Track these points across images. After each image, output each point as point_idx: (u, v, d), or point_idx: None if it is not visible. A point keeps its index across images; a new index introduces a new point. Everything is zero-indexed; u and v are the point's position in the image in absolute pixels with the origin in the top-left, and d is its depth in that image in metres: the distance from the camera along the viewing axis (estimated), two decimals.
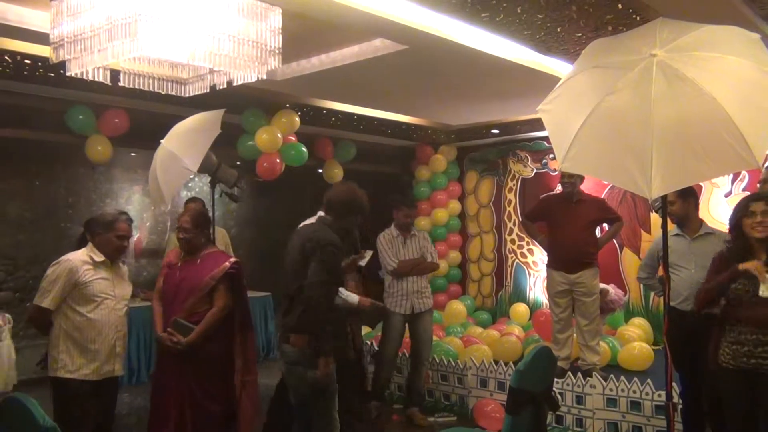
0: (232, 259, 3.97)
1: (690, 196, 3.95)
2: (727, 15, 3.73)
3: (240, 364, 3.92)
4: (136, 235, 7.64)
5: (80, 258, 3.53)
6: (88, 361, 3.48)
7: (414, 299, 5.17)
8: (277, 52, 3.29)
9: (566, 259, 5.46)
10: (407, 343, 5.48)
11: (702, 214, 4.97)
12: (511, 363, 5.40)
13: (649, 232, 7.17)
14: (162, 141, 4.35)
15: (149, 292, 5.56)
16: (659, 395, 4.35)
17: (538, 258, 7.98)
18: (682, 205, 3.90)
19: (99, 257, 3.55)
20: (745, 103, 2.29)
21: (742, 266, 3.07)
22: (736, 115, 2.23)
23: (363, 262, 4.12)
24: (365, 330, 6.29)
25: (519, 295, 8.16)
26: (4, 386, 5.58)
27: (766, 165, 4.26)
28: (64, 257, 3.54)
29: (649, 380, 4.52)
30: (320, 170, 7.90)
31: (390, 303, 5.16)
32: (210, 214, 4.30)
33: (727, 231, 3.37)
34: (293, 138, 6.69)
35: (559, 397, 4.75)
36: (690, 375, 3.83)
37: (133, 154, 7.35)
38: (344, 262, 3.84)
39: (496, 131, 7.94)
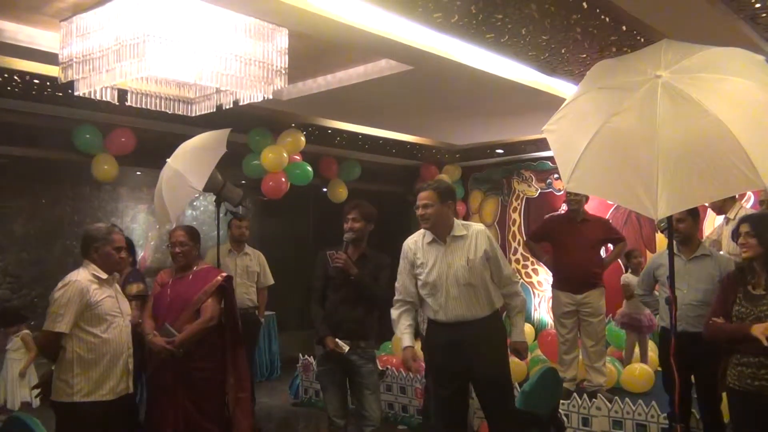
0: (224, 274, 4.00)
1: (697, 215, 3.95)
2: (731, 37, 3.74)
3: (232, 381, 3.92)
4: (141, 254, 7.65)
5: (86, 278, 3.49)
6: (105, 382, 3.42)
7: None
8: (284, 72, 3.33)
9: (572, 280, 5.43)
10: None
11: (706, 234, 4.96)
12: (516, 384, 5.35)
13: (654, 251, 7.15)
14: (168, 160, 4.37)
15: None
16: (664, 418, 4.31)
17: (542, 278, 7.95)
18: (691, 224, 3.89)
19: (102, 275, 3.52)
20: (751, 124, 2.29)
21: (755, 331, 2.94)
22: (741, 136, 2.23)
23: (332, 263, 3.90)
24: None
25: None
26: (11, 404, 5.57)
27: None
28: (70, 278, 3.44)
29: (654, 402, 4.48)
30: (325, 189, 7.91)
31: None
32: (214, 233, 4.32)
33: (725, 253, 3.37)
34: (298, 157, 6.71)
35: (564, 418, 4.71)
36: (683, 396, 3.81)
37: (139, 173, 7.37)
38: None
39: (500, 151, 7.96)
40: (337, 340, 3.87)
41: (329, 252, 3.92)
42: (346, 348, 3.84)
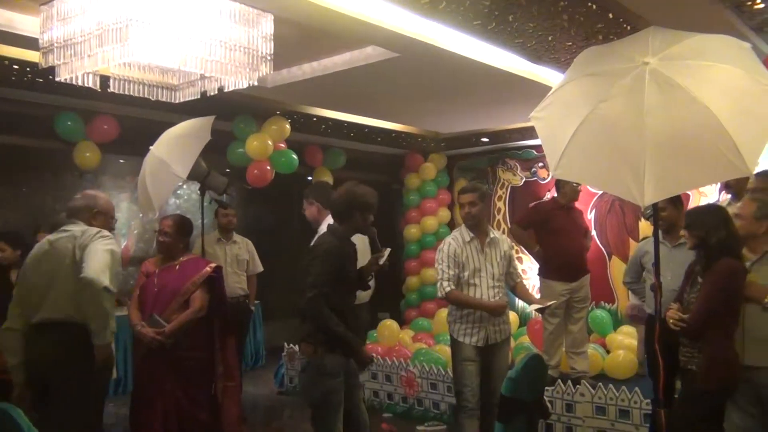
0: (213, 264, 3.98)
1: (680, 203, 3.99)
2: (716, 25, 3.76)
3: (221, 370, 3.91)
4: (124, 243, 7.58)
5: None
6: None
7: (489, 327, 4.01)
8: (269, 58, 3.29)
9: (570, 267, 5.44)
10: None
11: None
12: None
13: (637, 240, 7.20)
14: (151, 148, 4.32)
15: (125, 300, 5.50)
16: (647, 404, 4.35)
17: (527, 266, 7.98)
18: (673, 212, 3.93)
19: None
20: (737, 111, 2.30)
21: (667, 316, 3.19)
22: (728, 123, 2.24)
23: (382, 261, 3.57)
24: None
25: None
26: None
27: (755, 173, 4.29)
28: None
29: (637, 388, 4.52)
30: (310, 178, 7.88)
31: (457, 331, 4.05)
32: (199, 221, 4.28)
33: None
34: (283, 145, 6.67)
35: (549, 405, 4.74)
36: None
37: (122, 160, 7.29)
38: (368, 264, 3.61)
39: (485, 139, 7.96)
40: None
41: (377, 254, 3.53)
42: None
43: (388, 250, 3.54)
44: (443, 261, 4.00)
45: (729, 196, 4.14)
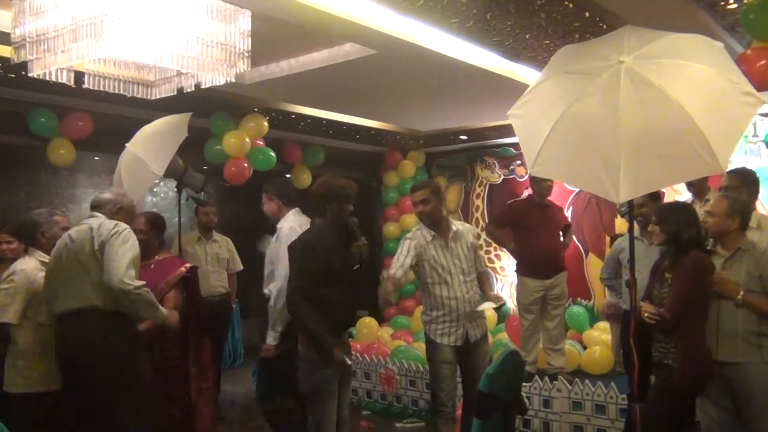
0: (188, 265, 3.94)
1: (658, 200, 4.03)
2: (690, 24, 3.81)
3: (195, 371, 3.89)
4: None
5: (33, 266, 3.43)
6: (56, 371, 3.34)
7: (466, 324, 3.92)
8: (246, 55, 3.26)
9: (543, 265, 5.46)
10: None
11: None
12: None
13: (613, 237, 7.29)
14: (127, 145, 4.28)
15: None
16: (623, 399, 4.41)
17: (505, 263, 8.04)
18: (652, 208, 3.97)
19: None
20: (711, 110, 2.34)
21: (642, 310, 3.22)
22: (701, 122, 2.27)
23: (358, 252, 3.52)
24: None
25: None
26: None
27: (727, 171, 4.36)
28: (15, 268, 3.42)
29: (612, 383, 4.58)
30: (288, 175, 7.85)
31: (433, 331, 3.95)
32: (176, 219, 4.25)
33: None
34: (261, 142, 6.63)
35: (527, 400, 4.78)
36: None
37: (97, 158, 7.20)
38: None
39: (464, 137, 7.99)
40: None
41: (358, 243, 3.47)
42: (349, 361, 3.48)
43: (364, 240, 3.52)
44: (401, 250, 3.90)
45: (690, 194, 4.21)
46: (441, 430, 3.86)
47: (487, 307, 3.88)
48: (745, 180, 3.74)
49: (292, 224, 3.92)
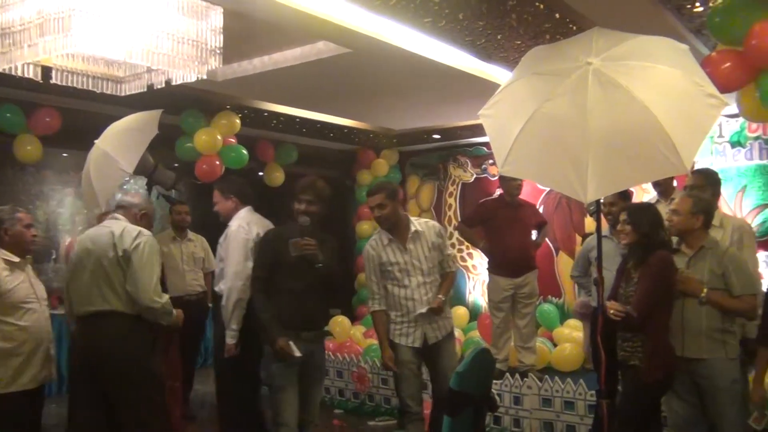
0: None
1: (629, 199, 4.10)
2: (657, 27, 3.86)
3: (163, 370, 3.85)
4: (68, 240, 7.39)
5: None
6: (26, 370, 3.32)
7: (425, 326, 3.85)
8: (218, 52, 3.23)
9: (513, 264, 5.51)
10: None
11: None
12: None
13: (583, 235, 7.38)
14: (96, 141, 4.21)
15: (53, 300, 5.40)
16: (591, 395, 4.48)
17: (477, 262, 8.10)
18: (623, 207, 4.02)
19: (14, 258, 3.39)
20: (675, 111, 2.38)
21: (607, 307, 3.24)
22: (666, 123, 2.32)
23: (294, 252, 3.45)
24: None
25: (458, 299, 8.25)
26: None
27: (692, 171, 4.45)
28: None
29: (582, 380, 4.65)
30: (261, 173, 7.80)
31: (393, 332, 3.90)
32: None
33: None
34: (233, 140, 6.59)
35: (497, 398, 4.83)
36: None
37: (65, 154, 7.09)
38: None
39: (437, 136, 8.03)
40: (290, 342, 3.42)
41: (292, 240, 3.46)
42: (298, 353, 3.41)
43: (311, 241, 3.47)
44: (370, 276, 3.90)
45: (655, 193, 4.29)
46: (407, 430, 3.84)
47: (420, 311, 3.78)
48: (709, 180, 3.82)
49: (241, 222, 3.98)
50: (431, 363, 3.90)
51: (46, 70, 3.29)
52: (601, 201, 3.46)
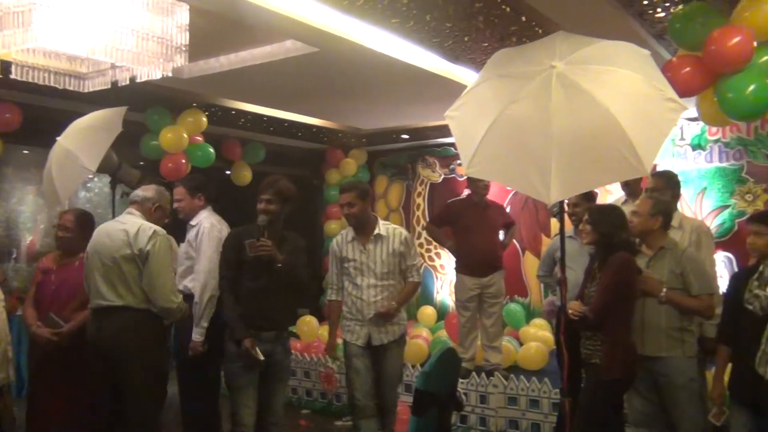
0: None
1: (592, 200, 4.17)
2: (620, 31, 3.95)
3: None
4: (29, 238, 7.23)
5: None
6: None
7: (371, 327, 3.90)
8: (184, 49, 3.20)
9: (478, 264, 5.55)
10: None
11: None
12: (417, 365, 5.48)
13: (549, 236, 7.47)
14: (58, 138, 4.14)
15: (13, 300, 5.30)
16: (555, 393, 4.54)
17: (445, 261, 8.14)
18: (587, 208, 4.09)
19: None
20: (636, 115, 2.43)
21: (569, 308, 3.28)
22: (627, 126, 2.36)
23: (250, 251, 3.47)
24: None
25: (426, 298, 8.29)
26: None
27: (652, 173, 4.54)
28: None
29: (546, 379, 4.71)
30: (228, 172, 7.74)
31: (343, 327, 4.03)
32: (111, 216, 4.13)
33: None
34: (200, 138, 6.52)
35: (464, 397, 4.87)
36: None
37: (26, 151, 6.94)
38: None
39: (405, 136, 8.05)
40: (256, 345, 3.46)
41: (248, 242, 3.47)
42: (261, 357, 3.43)
43: (262, 241, 3.46)
44: (332, 266, 4.06)
45: (623, 194, 4.37)
46: (358, 426, 3.84)
47: (368, 315, 3.84)
48: (669, 182, 3.91)
49: (213, 221, 4.01)
50: (376, 366, 3.92)
51: (6, 65, 3.22)
52: (565, 202, 3.50)
